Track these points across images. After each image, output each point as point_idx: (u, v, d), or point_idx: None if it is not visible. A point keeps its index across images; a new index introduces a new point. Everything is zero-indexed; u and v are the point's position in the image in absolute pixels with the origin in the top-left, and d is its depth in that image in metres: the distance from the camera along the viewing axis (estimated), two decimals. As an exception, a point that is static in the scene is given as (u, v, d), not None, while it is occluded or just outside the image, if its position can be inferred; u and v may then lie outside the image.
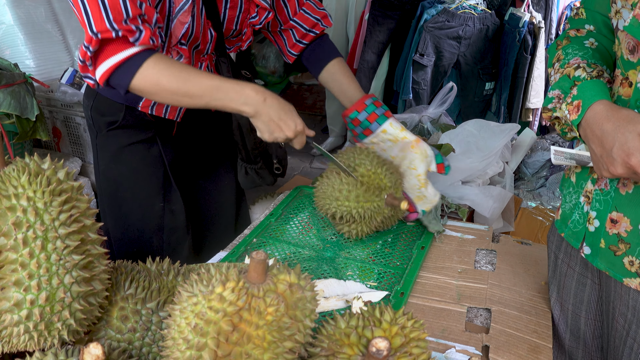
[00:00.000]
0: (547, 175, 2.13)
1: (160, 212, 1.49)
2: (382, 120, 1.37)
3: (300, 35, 1.48)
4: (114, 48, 1.07)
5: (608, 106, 0.85)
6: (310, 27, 1.47)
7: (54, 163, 0.76)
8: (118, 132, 1.43)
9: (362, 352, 0.70)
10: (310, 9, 1.48)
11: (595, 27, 1.02)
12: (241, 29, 1.40)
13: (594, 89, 0.88)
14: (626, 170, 0.81)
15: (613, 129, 0.82)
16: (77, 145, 2.56)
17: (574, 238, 1.02)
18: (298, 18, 1.47)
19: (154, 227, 1.49)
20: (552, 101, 0.95)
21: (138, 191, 1.47)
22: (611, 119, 0.83)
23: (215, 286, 0.68)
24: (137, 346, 0.81)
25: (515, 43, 2.98)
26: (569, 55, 0.98)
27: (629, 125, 0.80)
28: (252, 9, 1.37)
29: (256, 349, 0.67)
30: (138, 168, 1.46)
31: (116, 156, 1.45)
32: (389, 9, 3.24)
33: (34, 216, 0.69)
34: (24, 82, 2.15)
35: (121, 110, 1.39)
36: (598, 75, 0.91)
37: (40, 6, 2.59)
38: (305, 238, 1.34)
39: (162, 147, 1.46)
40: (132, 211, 1.49)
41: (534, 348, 1.00)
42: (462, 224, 1.44)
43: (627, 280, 0.91)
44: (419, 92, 3.20)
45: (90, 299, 0.75)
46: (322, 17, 1.48)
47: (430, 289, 1.16)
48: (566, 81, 0.94)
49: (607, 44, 1.00)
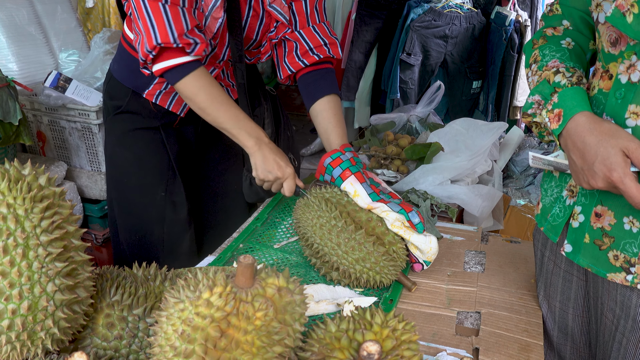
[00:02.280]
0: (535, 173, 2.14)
1: (162, 202, 1.51)
2: (338, 183, 1.22)
3: (302, 52, 1.41)
4: (172, 54, 1.22)
5: (590, 118, 0.86)
6: (314, 46, 1.40)
7: (35, 168, 0.74)
8: (124, 117, 1.48)
9: (353, 355, 0.69)
10: (321, 30, 1.42)
11: (571, 23, 1.02)
12: (261, 40, 1.43)
13: (575, 99, 0.88)
14: (607, 184, 0.82)
15: (595, 143, 0.82)
16: (62, 149, 2.52)
17: (552, 232, 1.02)
18: (305, 32, 1.40)
19: (155, 217, 1.52)
20: (532, 106, 0.95)
21: (142, 179, 1.51)
22: (593, 132, 0.83)
23: (203, 291, 0.67)
24: (124, 354, 0.80)
25: (501, 41, 2.99)
26: (547, 57, 0.98)
27: (612, 140, 0.81)
28: (272, 24, 1.40)
29: (245, 354, 0.66)
30: (141, 155, 1.50)
31: (120, 140, 1.50)
32: (375, 9, 3.23)
33: (15, 223, 0.67)
34: (6, 86, 2.11)
35: (127, 95, 1.42)
36: (578, 81, 0.91)
37: (22, 8, 2.55)
38: (292, 244, 1.32)
39: (166, 137, 1.49)
40: (135, 199, 1.53)
41: (524, 347, 1.00)
42: (452, 225, 1.43)
43: (612, 275, 0.91)
44: (407, 92, 3.20)
45: (74, 306, 0.73)
46: (331, 43, 1.43)
47: (420, 294, 1.15)
48: (546, 86, 0.93)
49: (583, 42, 1.01)
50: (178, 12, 1.17)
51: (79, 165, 2.54)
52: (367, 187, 1.18)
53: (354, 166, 1.23)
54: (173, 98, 1.43)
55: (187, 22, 1.19)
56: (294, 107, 5.22)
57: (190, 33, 1.19)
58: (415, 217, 1.14)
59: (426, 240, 1.15)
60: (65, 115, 2.40)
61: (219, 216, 1.66)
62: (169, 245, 1.53)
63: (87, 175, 2.48)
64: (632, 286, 0.89)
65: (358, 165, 1.24)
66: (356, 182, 1.18)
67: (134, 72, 1.39)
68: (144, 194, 1.51)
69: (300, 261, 1.25)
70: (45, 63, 2.62)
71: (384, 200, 1.16)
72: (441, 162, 1.67)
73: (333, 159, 1.25)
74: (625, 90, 0.84)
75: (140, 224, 1.53)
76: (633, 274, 0.88)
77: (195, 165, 1.60)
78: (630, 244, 0.88)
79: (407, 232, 1.14)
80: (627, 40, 0.83)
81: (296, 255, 1.27)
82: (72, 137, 2.46)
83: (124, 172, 1.52)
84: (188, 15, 1.19)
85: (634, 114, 0.83)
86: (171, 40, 1.18)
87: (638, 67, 0.82)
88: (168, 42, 1.18)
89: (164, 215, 1.51)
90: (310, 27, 1.41)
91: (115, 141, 1.51)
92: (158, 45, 1.19)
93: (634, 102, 0.83)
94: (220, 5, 1.26)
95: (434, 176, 1.61)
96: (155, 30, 1.18)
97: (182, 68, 1.23)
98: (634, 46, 0.82)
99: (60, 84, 2.33)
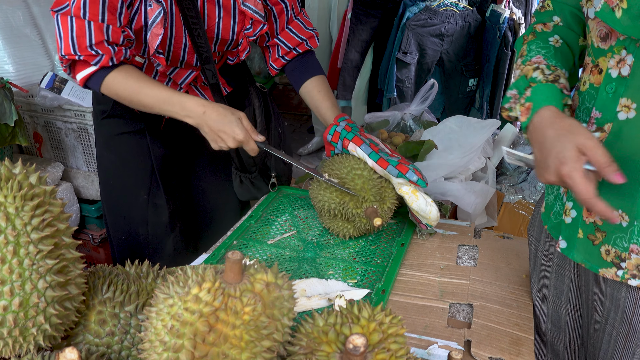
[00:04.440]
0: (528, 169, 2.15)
1: (144, 204, 1.54)
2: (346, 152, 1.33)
3: (283, 52, 1.52)
4: (81, 66, 1.29)
5: (554, 113, 0.86)
6: (294, 46, 1.51)
7: (26, 167, 0.75)
8: (110, 121, 1.52)
9: (340, 349, 0.70)
10: (298, 29, 1.51)
11: (562, 18, 1.03)
12: (237, 40, 1.45)
13: (545, 94, 0.89)
14: (557, 178, 0.82)
15: (553, 137, 0.83)
16: (58, 150, 2.53)
17: (555, 230, 1.03)
18: (283, 36, 1.51)
19: (139, 219, 1.56)
20: (509, 101, 0.96)
21: (125, 181, 1.55)
22: (554, 126, 0.84)
23: (191, 287, 0.68)
24: (116, 350, 0.80)
25: (496, 39, 3.00)
26: (532, 52, 0.99)
27: (569, 135, 0.81)
28: (247, 22, 1.42)
29: (233, 348, 0.66)
30: (126, 158, 1.54)
31: (107, 144, 1.55)
32: (371, 8, 3.24)
33: (5, 221, 0.68)
34: (1, 87, 2.12)
35: (111, 100, 1.43)
36: (554, 79, 0.92)
37: (18, 10, 2.56)
38: (286, 239, 1.33)
39: (151, 140, 1.52)
40: (120, 200, 1.57)
41: (515, 340, 1.01)
42: (444, 221, 1.44)
43: (603, 270, 0.92)
44: (403, 90, 3.21)
45: (65, 303, 0.74)
46: (309, 38, 1.52)
47: (413, 287, 1.16)
48: (523, 81, 0.94)
49: (572, 39, 1.01)
50: (84, 26, 1.22)
51: (75, 165, 2.55)
52: (366, 148, 1.28)
53: (349, 133, 1.32)
54: None
55: (91, 37, 1.23)
56: (292, 107, 5.22)
57: (96, 46, 1.24)
58: (413, 176, 1.24)
59: (426, 210, 1.24)
60: (61, 116, 2.41)
61: (213, 215, 1.67)
62: (153, 245, 1.57)
63: (84, 176, 2.49)
64: (622, 281, 0.90)
65: (354, 130, 1.32)
66: (356, 147, 1.29)
67: None
68: (128, 195, 1.55)
69: (293, 255, 1.26)
70: (41, 64, 2.62)
71: (382, 160, 1.25)
72: (435, 159, 1.68)
73: (331, 134, 1.35)
74: (616, 84, 0.85)
75: (126, 224, 1.58)
76: (623, 269, 0.89)
77: (185, 165, 1.61)
78: (621, 239, 0.88)
79: (411, 198, 1.23)
80: (617, 35, 0.84)
81: (290, 250, 1.28)
82: (68, 138, 2.47)
83: (110, 174, 1.57)
84: (95, 31, 1.23)
85: (626, 107, 0.84)
86: (72, 52, 1.24)
87: (628, 62, 0.83)
88: (69, 53, 1.24)
89: (147, 218, 1.55)
90: (286, 29, 1.51)
91: (102, 144, 1.57)
92: (62, 56, 1.26)
93: (625, 96, 0.84)
94: (159, 22, 1.29)
95: (428, 173, 1.61)
96: (61, 42, 1.25)
97: (97, 76, 1.29)
98: (623, 41, 0.83)
99: (56, 85, 2.33)
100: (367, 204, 1.22)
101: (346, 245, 1.31)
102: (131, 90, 1.29)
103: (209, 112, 1.27)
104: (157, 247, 1.56)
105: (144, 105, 1.31)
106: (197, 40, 1.36)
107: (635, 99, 0.82)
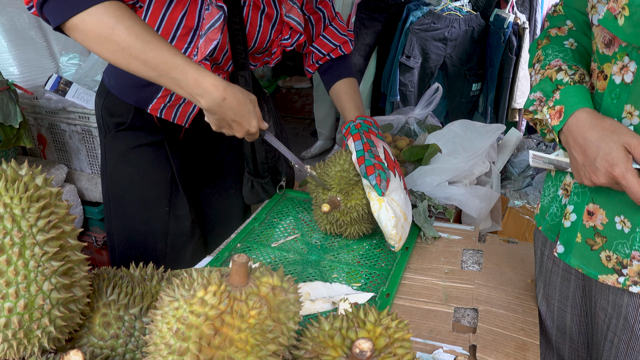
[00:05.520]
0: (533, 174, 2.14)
1: (166, 216, 1.49)
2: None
3: (317, 58, 1.55)
4: None
5: (592, 114, 0.86)
6: (327, 52, 1.54)
7: (32, 169, 0.75)
8: (127, 134, 1.43)
9: (346, 353, 0.70)
10: (332, 35, 1.53)
11: (575, 23, 1.03)
12: (271, 48, 1.44)
13: (576, 96, 0.89)
14: (609, 180, 0.82)
15: (597, 139, 0.82)
16: (63, 152, 2.53)
17: (550, 231, 1.03)
18: (318, 44, 1.53)
19: (158, 232, 1.49)
20: (534, 103, 0.95)
21: (144, 194, 1.47)
22: (595, 128, 0.83)
23: (197, 290, 0.67)
24: (120, 352, 0.80)
25: (500, 44, 3.00)
26: (550, 56, 0.98)
27: (613, 136, 0.81)
28: (285, 31, 1.41)
29: (239, 352, 0.66)
30: (145, 170, 1.46)
31: (124, 157, 1.45)
32: (375, 12, 3.25)
33: (11, 223, 0.68)
34: (6, 89, 2.13)
35: (130, 112, 1.39)
36: (580, 79, 0.92)
37: (23, 13, 2.57)
38: (290, 242, 1.33)
39: (170, 151, 1.47)
40: (137, 214, 1.48)
41: (521, 345, 1.00)
42: (449, 225, 1.44)
43: (603, 277, 0.91)
44: (407, 94, 3.21)
45: (70, 305, 0.74)
46: (342, 44, 1.54)
47: (417, 291, 1.15)
48: (548, 84, 0.94)
49: (586, 42, 1.01)
50: None
51: (79, 168, 2.55)
52: (358, 145, 1.27)
53: (357, 129, 1.33)
54: (177, 110, 1.41)
55: None
56: (295, 110, 5.23)
57: None
58: (372, 180, 1.17)
59: (382, 224, 1.17)
60: (65, 118, 2.41)
61: (219, 218, 1.66)
62: (171, 257, 1.51)
63: (87, 178, 2.50)
64: (624, 288, 0.89)
65: (361, 128, 1.33)
66: (352, 142, 1.30)
67: (135, 87, 1.37)
68: (147, 209, 1.47)
69: (297, 258, 1.25)
70: (45, 67, 2.63)
71: (362, 159, 1.22)
72: (439, 163, 1.68)
73: (345, 129, 1.38)
74: (620, 91, 0.84)
75: (142, 239, 1.49)
76: (625, 275, 0.88)
77: (197, 172, 1.60)
78: (623, 245, 0.88)
79: (375, 205, 1.18)
80: (619, 42, 0.84)
81: (294, 253, 1.28)
82: (73, 140, 2.47)
83: (126, 189, 1.47)
84: None
85: (630, 113, 0.83)
86: None
87: (631, 68, 0.82)
88: None
89: (167, 230, 1.49)
90: (321, 36, 1.53)
91: (118, 158, 1.45)
92: None
93: (629, 102, 0.83)
94: (218, 27, 1.21)
95: (432, 177, 1.61)
96: None
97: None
98: (625, 47, 0.83)
99: (60, 88, 2.34)
100: (332, 193, 1.26)
101: (350, 248, 1.30)
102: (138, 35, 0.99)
103: (230, 99, 1.08)
104: (176, 258, 1.51)
105: (146, 60, 1.01)
106: (237, 47, 1.34)
107: (638, 106, 0.82)
